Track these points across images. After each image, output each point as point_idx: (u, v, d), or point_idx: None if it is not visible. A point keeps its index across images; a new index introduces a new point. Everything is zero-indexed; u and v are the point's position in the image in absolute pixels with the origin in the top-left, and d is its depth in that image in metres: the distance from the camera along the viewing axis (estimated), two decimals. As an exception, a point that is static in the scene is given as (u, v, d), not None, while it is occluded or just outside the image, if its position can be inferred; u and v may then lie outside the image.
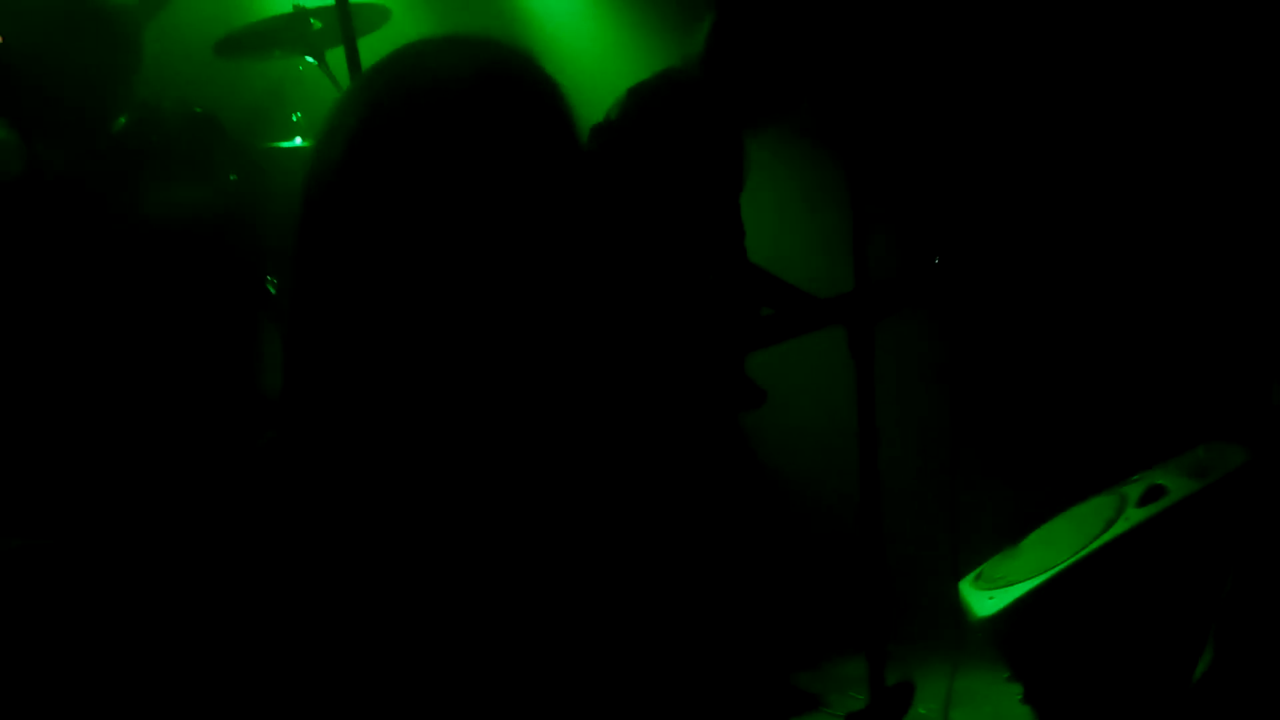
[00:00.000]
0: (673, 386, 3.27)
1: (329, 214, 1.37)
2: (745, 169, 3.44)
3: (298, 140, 3.90)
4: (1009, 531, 3.91)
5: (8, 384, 2.86)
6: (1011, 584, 3.55)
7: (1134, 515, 3.50)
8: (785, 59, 3.36)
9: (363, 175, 1.35)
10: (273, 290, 3.48)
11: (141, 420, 2.96)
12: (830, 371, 3.70)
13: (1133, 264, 4.60)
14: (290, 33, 3.85)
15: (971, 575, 3.80)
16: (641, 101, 3.29)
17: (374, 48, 2.92)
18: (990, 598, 3.56)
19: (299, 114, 3.98)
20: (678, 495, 3.25)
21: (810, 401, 4.28)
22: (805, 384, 3.95)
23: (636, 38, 4.59)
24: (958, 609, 3.60)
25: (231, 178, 3.55)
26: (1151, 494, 3.56)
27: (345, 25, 2.94)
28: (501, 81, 1.41)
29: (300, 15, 3.79)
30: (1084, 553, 3.46)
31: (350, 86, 1.47)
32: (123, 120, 3.46)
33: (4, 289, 2.92)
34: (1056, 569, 3.46)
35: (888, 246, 3.38)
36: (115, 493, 2.81)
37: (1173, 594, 3.34)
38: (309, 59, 3.90)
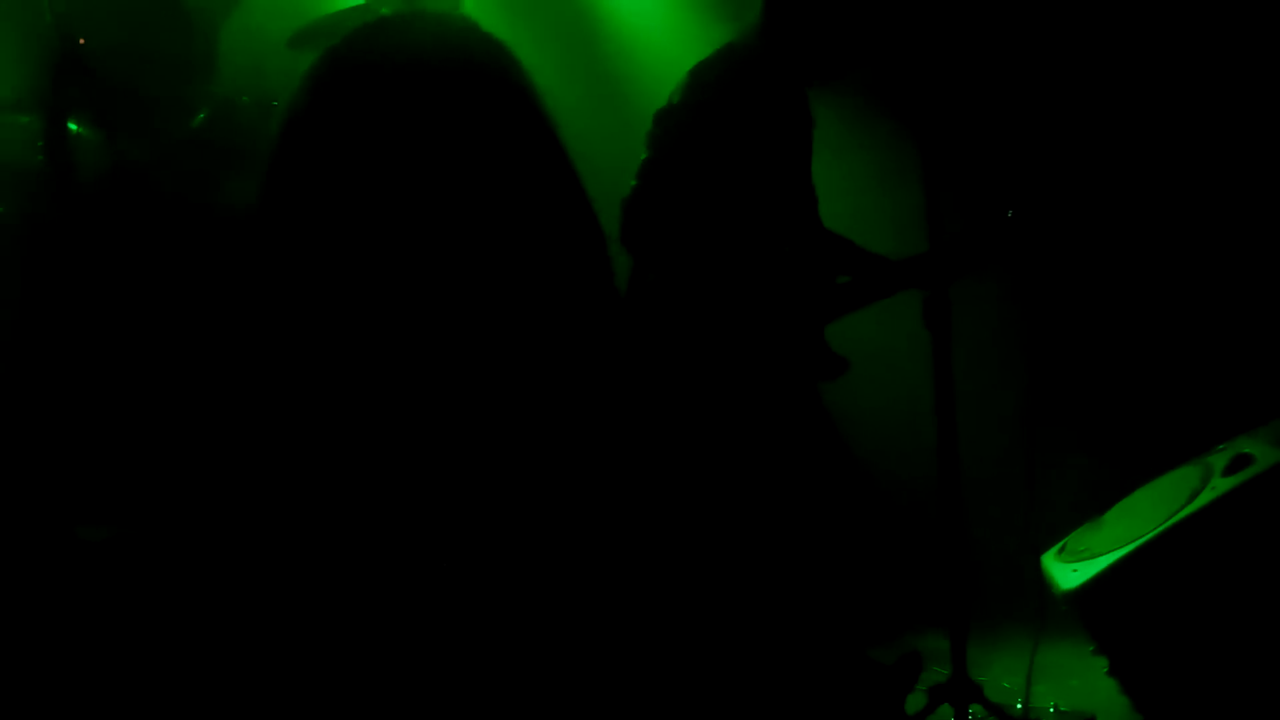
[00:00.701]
0: (754, 357, 3.27)
1: (284, 182, 1.35)
2: (810, 135, 3.43)
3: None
4: (1092, 503, 3.88)
5: (95, 376, 2.93)
6: (1095, 556, 3.52)
7: (1220, 485, 3.45)
8: (839, 18, 3.34)
9: (309, 151, 1.33)
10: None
11: (220, 411, 3.01)
12: (906, 346, 3.69)
13: (1214, 230, 4.54)
14: (362, 24, 3.89)
15: (1055, 548, 3.77)
16: (701, 79, 3.30)
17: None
18: (1074, 570, 3.53)
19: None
20: (759, 468, 3.27)
21: (886, 376, 4.27)
22: (881, 358, 3.94)
23: (711, 28, 4.58)
24: (1040, 582, 3.58)
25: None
26: (1237, 463, 3.51)
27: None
28: (466, 63, 1.38)
29: (372, 8, 3.83)
30: (1169, 524, 3.42)
31: (318, 57, 1.44)
32: (201, 116, 3.52)
33: (90, 283, 2.99)
34: (1141, 540, 3.42)
35: (961, 220, 3.35)
36: (202, 481, 2.86)
37: (1261, 564, 3.29)
38: (381, 50, 3.94)
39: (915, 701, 3.16)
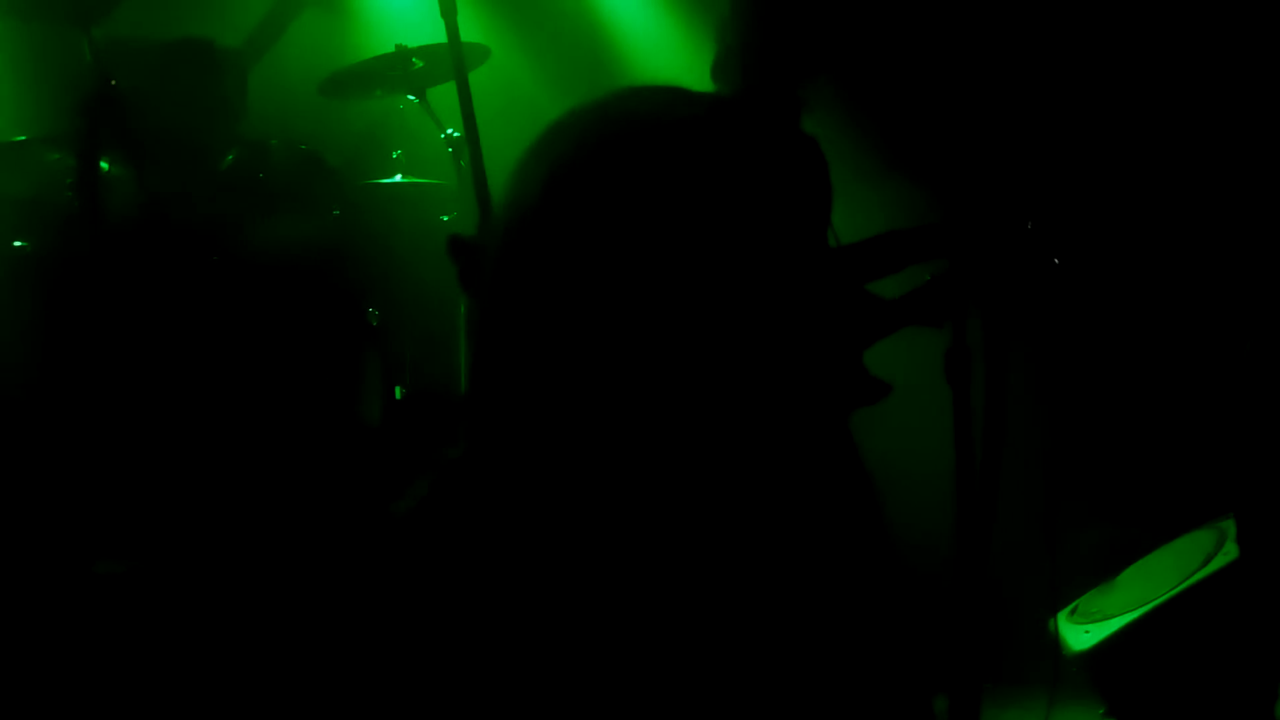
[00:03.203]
0: (789, 382, 3.25)
1: (526, 248, 1.39)
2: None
3: (398, 177, 3.98)
4: (1106, 565, 3.87)
5: (121, 411, 2.97)
6: (1108, 618, 3.51)
7: (1233, 550, 3.44)
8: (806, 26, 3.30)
9: (561, 212, 1.38)
10: (374, 322, 3.57)
11: (247, 446, 3.04)
12: (923, 398, 3.68)
13: (1236, 292, 4.54)
14: (392, 72, 3.93)
15: (1067, 609, 3.76)
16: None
17: (477, 83, 2.96)
18: (1086, 632, 3.52)
19: (399, 151, 4.07)
20: (784, 505, 3.26)
21: (911, 423, 4.25)
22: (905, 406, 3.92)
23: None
24: (1053, 643, 3.57)
25: (335, 212, 3.65)
26: (1252, 529, 3.50)
27: (458, 63, 2.93)
28: (701, 128, 1.43)
29: (402, 55, 3.88)
30: (1182, 587, 3.42)
31: (549, 126, 1.49)
32: (231, 157, 3.58)
33: (115, 319, 3.03)
34: (1154, 603, 3.42)
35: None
36: (219, 515, 2.89)
37: (1273, 631, 3.28)
38: (410, 97, 3.99)
39: (925, 759, 3.14)
